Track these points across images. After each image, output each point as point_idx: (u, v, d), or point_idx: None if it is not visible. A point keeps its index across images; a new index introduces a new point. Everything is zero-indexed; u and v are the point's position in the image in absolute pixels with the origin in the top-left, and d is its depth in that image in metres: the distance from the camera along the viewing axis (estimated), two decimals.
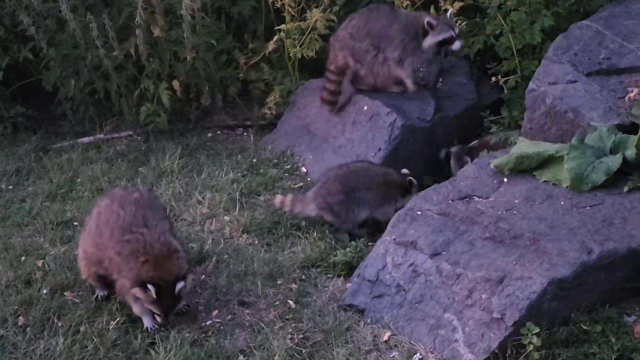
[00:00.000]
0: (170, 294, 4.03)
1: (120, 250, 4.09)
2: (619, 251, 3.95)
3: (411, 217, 4.42)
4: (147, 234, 4.09)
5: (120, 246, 4.09)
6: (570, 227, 4.11)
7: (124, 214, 4.16)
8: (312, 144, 5.64)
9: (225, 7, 6.35)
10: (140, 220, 4.14)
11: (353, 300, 4.32)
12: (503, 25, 5.55)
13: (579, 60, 4.97)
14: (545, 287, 3.81)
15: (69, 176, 5.60)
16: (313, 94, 5.84)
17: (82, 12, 5.94)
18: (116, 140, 6.13)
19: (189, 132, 6.20)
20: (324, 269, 4.62)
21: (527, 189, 4.45)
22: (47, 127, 6.48)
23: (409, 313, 4.13)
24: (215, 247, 4.77)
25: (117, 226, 4.14)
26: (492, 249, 4.10)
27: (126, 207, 4.19)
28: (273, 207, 5.05)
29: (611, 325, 3.88)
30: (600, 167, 4.34)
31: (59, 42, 6.03)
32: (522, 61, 5.57)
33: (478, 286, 3.94)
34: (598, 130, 4.49)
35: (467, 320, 3.93)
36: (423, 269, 4.16)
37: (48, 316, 4.24)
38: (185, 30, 5.85)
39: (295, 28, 5.96)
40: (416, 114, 5.41)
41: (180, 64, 6.07)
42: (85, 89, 6.10)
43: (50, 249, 4.76)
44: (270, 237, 4.90)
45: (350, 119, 5.49)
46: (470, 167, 4.77)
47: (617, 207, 4.20)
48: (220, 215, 5.08)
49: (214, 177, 5.48)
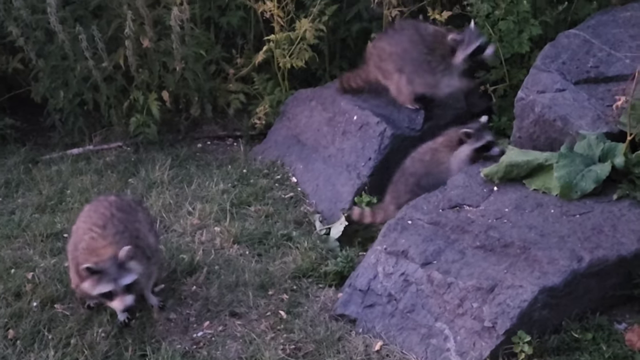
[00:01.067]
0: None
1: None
2: (609, 258, 3.97)
3: (402, 226, 4.43)
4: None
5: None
6: (560, 234, 4.13)
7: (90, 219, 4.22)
8: (302, 153, 5.65)
9: (214, 18, 6.36)
10: (101, 222, 4.18)
11: (344, 310, 4.32)
12: (491, 34, 5.58)
13: (567, 69, 5.00)
14: (536, 295, 3.82)
15: (58, 187, 5.58)
16: (302, 103, 5.85)
17: (71, 23, 5.93)
18: (105, 151, 6.12)
19: (179, 142, 6.19)
20: (315, 278, 4.62)
21: (517, 197, 4.47)
22: (36, 138, 6.45)
23: (401, 322, 4.13)
24: (206, 258, 4.76)
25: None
26: (483, 257, 4.11)
27: (98, 209, 4.26)
28: (353, 217, 5.04)
29: (602, 333, 3.90)
30: (589, 174, 4.36)
31: (47, 53, 6.02)
32: (511, 70, 5.59)
33: (469, 295, 3.95)
34: (586, 138, 4.51)
35: (459, 329, 3.93)
36: (414, 278, 4.17)
37: (38, 329, 4.22)
38: (174, 41, 5.85)
39: (284, 38, 5.97)
40: (405, 122, 5.43)
41: (170, 74, 6.07)
42: (74, 100, 6.09)
43: (39, 261, 4.74)
44: (261, 247, 4.89)
45: (340, 129, 5.49)
46: (460, 176, 4.78)
47: (606, 214, 4.22)
48: (210, 225, 5.07)
49: (204, 188, 5.47)
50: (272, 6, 5.91)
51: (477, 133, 4.85)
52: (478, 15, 5.61)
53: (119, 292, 4.02)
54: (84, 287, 4.07)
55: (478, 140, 4.86)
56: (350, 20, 6.22)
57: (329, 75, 6.35)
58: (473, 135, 4.85)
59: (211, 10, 6.33)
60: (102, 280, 4.00)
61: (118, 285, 4.02)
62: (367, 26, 6.17)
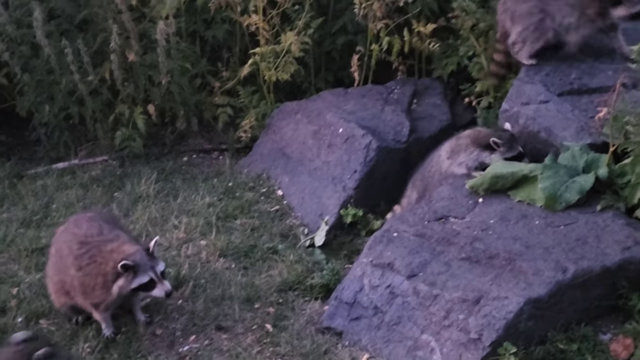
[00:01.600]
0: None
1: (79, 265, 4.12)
2: (593, 269, 3.98)
3: (387, 239, 4.44)
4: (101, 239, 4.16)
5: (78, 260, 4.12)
6: (545, 246, 4.14)
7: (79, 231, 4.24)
8: (287, 166, 5.65)
9: (200, 31, 6.37)
10: (94, 231, 4.20)
11: (330, 323, 4.32)
12: (475, 46, 5.61)
13: (550, 81, 5.04)
14: (522, 306, 3.83)
15: (44, 202, 5.56)
16: (288, 116, 5.86)
17: (56, 37, 5.92)
18: (91, 165, 6.10)
19: (165, 156, 6.18)
20: (301, 291, 4.62)
21: (502, 209, 4.49)
22: (21, 152, 6.43)
23: (387, 334, 4.13)
24: (192, 272, 4.75)
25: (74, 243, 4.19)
26: (468, 269, 4.12)
27: (81, 224, 4.26)
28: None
29: (587, 344, 3.92)
30: (573, 186, 4.38)
31: (33, 68, 6.00)
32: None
33: (455, 306, 3.96)
34: (570, 150, 4.54)
35: (445, 341, 3.94)
36: (400, 290, 4.17)
37: None
38: (160, 55, 5.85)
39: (269, 51, 5.99)
40: (391, 135, 5.44)
41: (155, 88, 6.06)
42: (60, 114, 6.08)
43: (24, 276, 4.71)
44: (247, 260, 4.89)
45: (326, 141, 5.50)
46: (445, 188, 4.79)
47: (590, 225, 4.25)
48: (196, 239, 5.07)
49: (189, 201, 5.46)
50: (257, 19, 5.93)
51: (509, 143, 4.79)
52: (463, 27, 5.65)
53: (157, 279, 4.06)
54: (118, 287, 4.06)
55: (509, 150, 4.79)
56: (335, 33, 6.24)
57: (314, 88, 6.37)
58: (504, 144, 4.79)
59: (197, 24, 6.35)
60: (138, 273, 4.03)
61: (156, 272, 4.07)
62: (352, 39, 6.19)
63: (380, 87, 6.01)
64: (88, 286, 4.13)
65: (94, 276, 4.11)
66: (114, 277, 4.05)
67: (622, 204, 4.33)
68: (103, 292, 4.11)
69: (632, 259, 4.04)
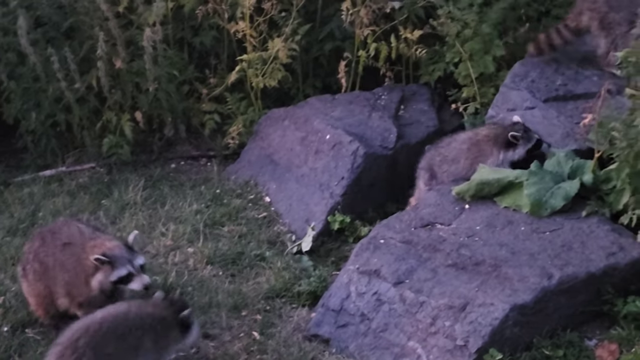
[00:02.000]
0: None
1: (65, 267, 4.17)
2: (578, 275, 4.01)
3: (374, 246, 4.45)
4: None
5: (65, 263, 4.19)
6: (531, 252, 4.17)
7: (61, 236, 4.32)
8: (275, 173, 5.65)
9: (187, 38, 6.36)
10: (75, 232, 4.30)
11: (317, 330, 4.33)
12: (461, 52, 5.64)
13: (536, 87, 5.07)
14: (507, 312, 3.85)
15: (30, 210, 5.54)
16: (275, 123, 5.86)
17: (42, 45, 5.90)
18: (78, 173, 6.08)
19: (152, 163, 6.17)
20: (288, 298, 4.62)
21: (488, 215, 4.50)
22: (7, 160, 6.40)
23: (374, 342, 4.14)
24: (179, 279, 4.75)
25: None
26: (455, 275, 4.14)
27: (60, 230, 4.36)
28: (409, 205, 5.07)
29: (572, 349, 3.94)
30: (559, 192, 4.41)
31: (19, 75, 5.97)
32: (481, 88, 5.64)
33: (441, 313, 3.97)
34: (556, 156, 4.57)
35: (431, 348, 3.95)
36: (386, 297, 4.18)
37: (9, 354, 4.19)
38: (147, 62, 5.84)
39: (257, 58, 5.99)
40: (378, 141, 5.45)
41: (143, 95, 6.05)
42: (47, 121, 6.05)
43: (10, 285, 4.69)
44: (234, 267, 4.88)
45: (313, 148, 5.51)
46: (431, 194, 4.81)
47: (575, 231, 4.27)
48: (183, 246, 5.06)
49: (177, 208, 5.46)
50: (244, 26, 5.92)
51: (526, 134, 4.77)
52: (448, 34, 5.67)
53: (136, 272, 4.08)
54: (98, 282, 4.10)
55: (529, 140, 4.79)
56: (323, 39, 6.24)
57: (302, 94, 6.37)
58: (522, 137, 4.79)
59: (184, 31, 6.34)
60: (116, 266, 4.07)
61: (134, 265, 4.09)
62: (339, 45, 6.19)
63: (368, 93, 6.02)
64: (73, 285, 4.18)
65: (78, 273, 4.17)
66: (93, 271, 4.09)
67: (607, 210, 4.36)
68: (86, 288, 4.15)
69: (617, 265, 4.06)
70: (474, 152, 4.87)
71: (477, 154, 4.86)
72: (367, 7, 5.76)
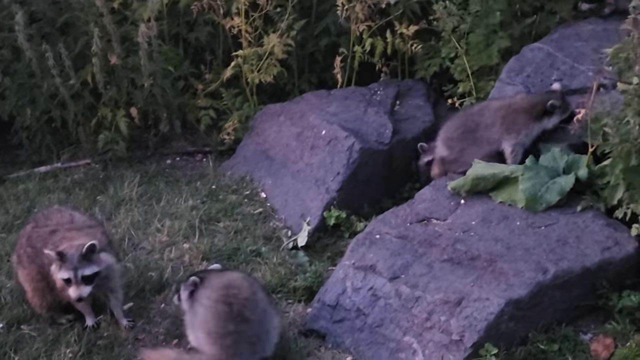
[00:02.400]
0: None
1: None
2: (574, 270, 4.01)
3: (370, 241, 4.45)
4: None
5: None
6: (526, 247, 4.17)
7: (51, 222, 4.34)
8: (270, 168, 5.65)
9: (182, 33, 6.36)
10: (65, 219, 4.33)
11: (313, 325, 4.33)
12: (458, 47, 5.63)
13: (531, 82, 5.07)
14: (502, 307, 3.85)
15: (26, 206, 5.53)
16: (271, 118, 5.86)
17: (37, 40, 5.89)
18: (73, 169, 6.07)
19: (148, 159, 6.17)
20: (284, 294, 4.62)
21: (484, 210, 4.51)
22: (2, 156, 6.39)
23: (369, 337, 4.14)
24: (175, 275, 4.74)
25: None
26: (450, 270, 4.14)
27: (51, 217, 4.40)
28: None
29: (568, 344, 3.94)
30: (554, 187, 4.41)
31: (14, 71, 5.97)
32: (477, 83, 5.64)
33: (437, 308, 3.97)
34: (551, 151, 4.57)
35: (427, 343, 3.95)
36: (382, 293, 4.18)
37: (4, 350, 4.17)
38: (142, 57, 5.83)
39: (252, 53, 5.98)
40: (374, 137, 5.45)
41: (138, 90, 6.05)
42: (42, 117, 6.04)
43: (6, 282, 4.69)
44: (230, 263, 4.88)
45: (309, 143, 5.50)
46: (427, 189, 4.81)
47: (570, 226, 4.27)
48: (179, 242, 5.06)
49: (173, 204, 5.45)
50: (240, 22, 5.92)
51: (563, 104, 4.73)
52: (444, 29, 5.67)
53: (76, 281, 4.06)
54: (52, 270, 4.13)
55: (564, 111, 4.74)
56: (318, 34, 6.24)
57: (297, 90, 6.37)
58: (559, 107, 4.73)
59: (179, 26, 6.34)
60: (63, 267, 4.08)
61: (77, 274, 4.06)
62: (335, 40, 6.19)
63: (363, 88, 6.02)
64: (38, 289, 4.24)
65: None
66: (49, 261, 4.14)
67: (602, 205, 4.36)
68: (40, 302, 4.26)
69: (612, 260, 4.07)
70: (510, 118, 4.79)
71: (512, 120, 4.78)
72: (363, 3, 5.76)
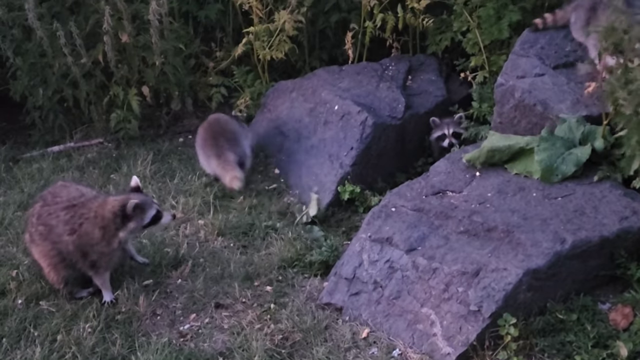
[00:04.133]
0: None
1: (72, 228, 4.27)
2: (591, 240, 4.00)
3: (385, 214, 4.44)
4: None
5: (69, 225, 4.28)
6: (543, 217, 4.16)
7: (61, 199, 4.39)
8: (284, 144, 5.64)
9: (193, 11, 6.34)
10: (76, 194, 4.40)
11: (330, 299, 4.33)
12: (469, 21, 5.60)
13: (545, 54, 5.03)
14: (520, 277, 3.84)
15: (40, 185, 5.55)
16: (283, 95, 5.85)
17: (48, 20, 5.89)
18: (86, 148, 6.09)
19: (160, 137, 6.17)
20: (300, 268, 4.62)
21: (499, 182, 4.49)
22: (16, 136, 6.41)
23: (387, 309, 4.14)
24: (191, 251, 4.76)
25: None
26: (467, 242, 4.13)
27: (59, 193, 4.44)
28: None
29: (586, 313, 3.93)
30: (570, 158, 4.39)
31: (25, 51, 5.97)
32: (490, 56, 5.61)
33: (454, 279, 3.97)
34: (567, 122, 4.55)
35: (445, 314, 3.95)
36: (399, 265, 4.18)
37: (24, 326, 4.20)
38: (153, 35, 5.83)
39: (263, 30, 5.97)
40: (386, 111, 5.44)
41: (149, 69, 6.04)
42: (54, 97, 6.05)
43: (23, 259, 4.70)
44: (246, 239, 4.89)
45: (322, 119, 5.50)
46: (442, 162, 4.80)
47: (587, 196, 4.26)
48: (194, 219, 5.07)
49: (186, 182, 5.46)
50: None
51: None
52: (456, 3, 5.64)
53: (161, 209, 4.38)
54: (128, 231, 4.27)
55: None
56: (328, 10, 6.21)
57: (308, 66, 6.35)
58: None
59: (189, 4, 6.32)
60: (147, 209, 4.29)
61: (160, 205, 4.43)
62: (345, 16, 6.17)
63: (375, 64, 6.00)
64: (87, 245, 4.25)
65: (91, 232, 4.23)
66: (119, 224, 4.22)
67: (619, 175, 4.35)
68: (103, 245, 4.25)
69: (630, 229, 4.05)
70: None
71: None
72: None
